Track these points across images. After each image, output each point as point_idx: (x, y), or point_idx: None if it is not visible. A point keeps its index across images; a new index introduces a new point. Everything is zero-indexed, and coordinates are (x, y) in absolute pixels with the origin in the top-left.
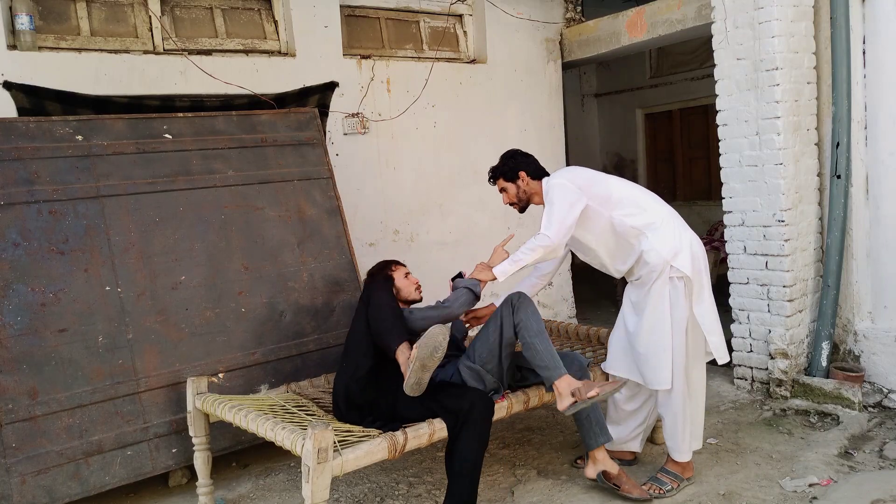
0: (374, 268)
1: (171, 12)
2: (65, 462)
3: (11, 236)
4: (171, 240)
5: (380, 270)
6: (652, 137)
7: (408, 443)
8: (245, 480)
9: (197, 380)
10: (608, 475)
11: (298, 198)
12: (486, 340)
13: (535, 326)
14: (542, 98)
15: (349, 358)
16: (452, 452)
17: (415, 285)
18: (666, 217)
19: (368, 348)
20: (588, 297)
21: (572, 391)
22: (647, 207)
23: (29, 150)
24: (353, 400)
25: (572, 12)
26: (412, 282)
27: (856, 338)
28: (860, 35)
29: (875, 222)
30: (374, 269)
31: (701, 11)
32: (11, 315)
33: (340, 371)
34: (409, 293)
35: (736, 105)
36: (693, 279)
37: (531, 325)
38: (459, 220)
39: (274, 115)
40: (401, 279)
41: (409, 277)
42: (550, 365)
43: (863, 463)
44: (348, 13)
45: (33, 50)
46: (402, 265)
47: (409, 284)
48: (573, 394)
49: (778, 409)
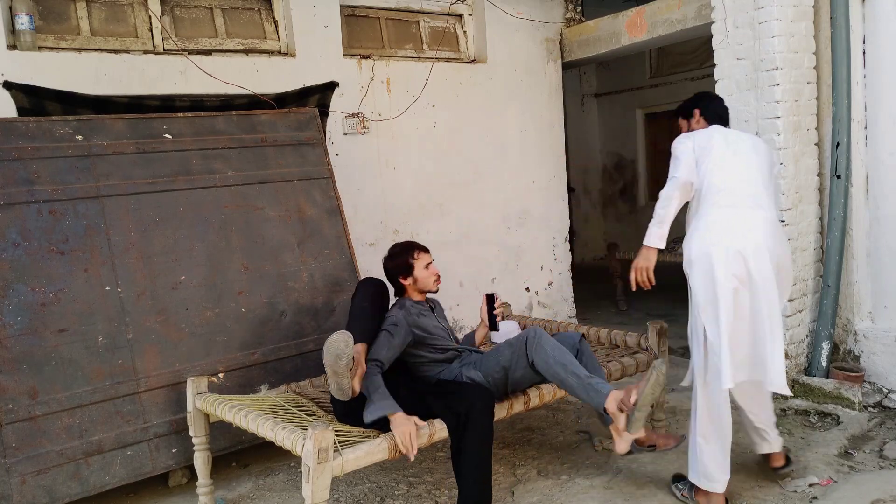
0: (396, 248)
1: (171, 12)
2: (65, 462)
3: (11, 236)
4: (171, 240)
5: (400, 254)
6: (652, 137)
7: None
8: (245, 480)
9: (197, 380)
10: (639, 441)
11: (298, 198)
12: (496, 364)
13: (559, 371)
14: (542, 98)
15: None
16: (458, 453)
17: (434, 277)
18: (726, 217)
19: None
20: (588, 297)
21: (619, 406)
22: (718, 199)
23: (29, 150)
24: (353, 401)
25: (572, 12)
26: (432, 273)
27: (856, 338)
28: (860, 35)
29: (875, 222)
30: (395, 249)
31: (701, 11)
32: (11, 315)
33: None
34: (426, 284)
35: (736, 105)
36: (702, 297)
37: (555, 371)
38: (459, 220)
39: (274, 115)
40: (421, 269)
41: (430, 268)
42: (590, 394)
43: (863, 463)
44: (348, 13)
45: (33, 50)
46: (426, 252)
47: (428, 276)
48: (620, 409)
49: (778, 409)
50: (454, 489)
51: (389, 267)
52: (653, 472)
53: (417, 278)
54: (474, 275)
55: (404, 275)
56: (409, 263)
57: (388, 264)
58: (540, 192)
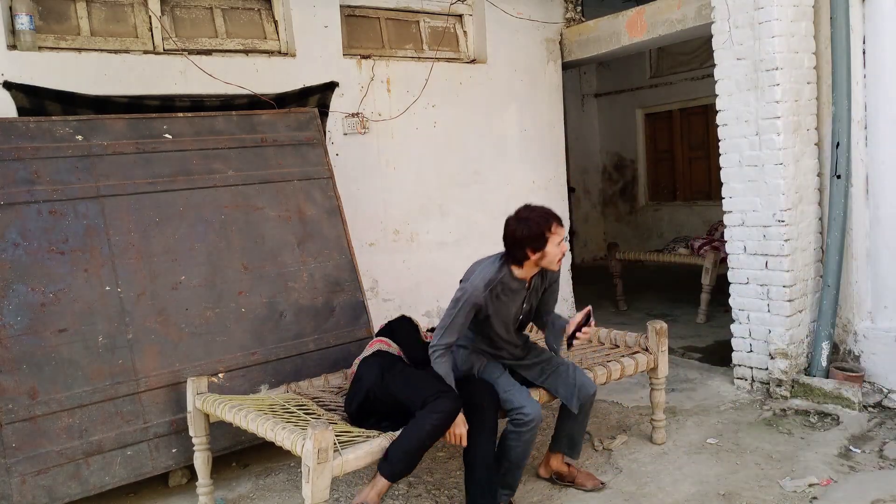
0: (533, 214)
1: (171, 12)
2: (65, 462)
3: (11, 236)
4: (171, 240)
5: (537, 223)
6: (652, 137)
7: None
8: (245, 480)
9: (197, 380)
10: (560, 475)
11: (298, 198)
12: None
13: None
14: (542, 98)
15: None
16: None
17: (560, 256)
18: None
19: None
20: (588, 297)
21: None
22: None
23: (29, 150)
24: (371, 404)
25: (572, 12)
26: (561, 250)
27: (856, 338)
28: (860, 35)
29: (875, 222)
30: (530, 214)
31: (701, 11)
32: (11, 315)
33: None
34: (550, 262)
35: (736, 105)
36: None
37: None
38: (459, 220)
39: (274, 115)
40: (553, 245)
41: (561, 245)
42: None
43: (863, 463)
44: (348, 13)
45: (33, 50)
46: (562, 227)
47: (556, 254)
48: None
49: (778, 409)
50: (454, 489)
51: (520, 235)
52: (653, 471)
53: (546, 254)
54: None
55: (534, 248)
56: (545, 237)
57: (520, 232)
58: (540, 192)
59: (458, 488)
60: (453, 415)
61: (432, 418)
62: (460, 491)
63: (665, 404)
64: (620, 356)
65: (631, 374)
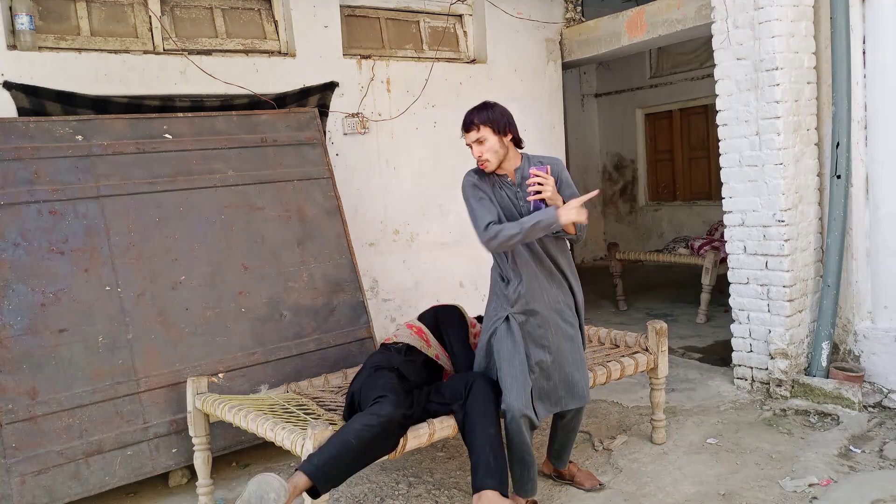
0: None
1: (171, 12)
2: (65, 462)
3: (11, 236)
4: (171, 240)
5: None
6: (652, 137)
7: (408, 443)
8: (245, 480)
9: (197, 380)
10: (560, 474)
11: (298, 198)
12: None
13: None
14: (542, 98)
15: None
16: (469, 443)
17: (477, 157)
18: None
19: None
20: (588, 296)
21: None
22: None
23: (29, 150)
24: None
25: (572, 12)
26: (475, 153)
27: (856, 338)
28: (860, 35)
29: (875, 222)
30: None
31: (701, 11)
32: (11, 315)
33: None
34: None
35: (736, 105)
36: None
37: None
38: (459, 220)
39: (274, 115)
40: (470, 142)
41: (475, 149)
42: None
43: (863, 463)
44: (348, 13)
45: (33, 50)
46: (469, 133)
47: (475, 151)
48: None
49: (778, 409)
50: (454, 489)
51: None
52: (653, 472)
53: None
54: (474, 275)
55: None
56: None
57: (501, 112)
58: None
59: (459, 488)
60: (386, 419)
61: (362, 418)
62: (460, 491)
63: (665, 404)
64: (620, 356)
65: (631, 374)
